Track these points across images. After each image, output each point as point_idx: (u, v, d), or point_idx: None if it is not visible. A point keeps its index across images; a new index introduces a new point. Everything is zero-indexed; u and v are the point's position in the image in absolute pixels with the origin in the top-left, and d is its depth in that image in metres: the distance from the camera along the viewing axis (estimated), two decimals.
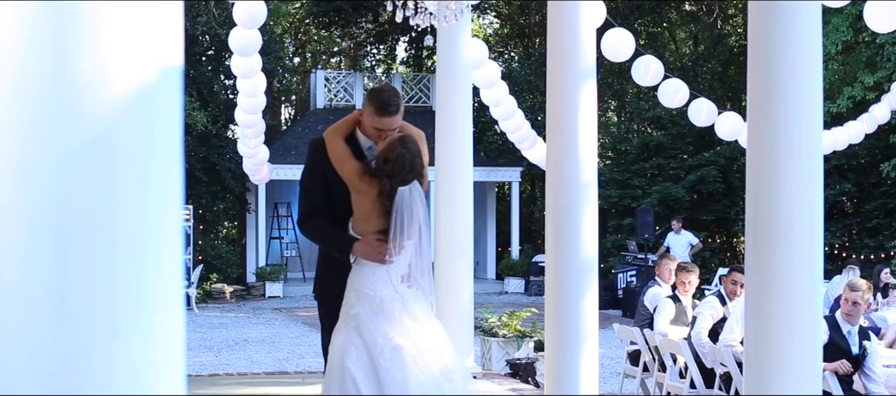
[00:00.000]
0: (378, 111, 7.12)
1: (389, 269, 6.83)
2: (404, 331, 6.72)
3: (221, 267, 32.06)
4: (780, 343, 6.27)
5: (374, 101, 7.20)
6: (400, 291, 6.84)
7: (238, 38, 12.85)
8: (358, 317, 6.75)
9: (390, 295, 6.80)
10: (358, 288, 6.85)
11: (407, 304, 6.82)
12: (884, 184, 30.07)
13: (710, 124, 16.10)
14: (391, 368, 6.60)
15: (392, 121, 7.14)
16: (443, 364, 6.78)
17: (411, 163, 6.87)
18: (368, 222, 6.87)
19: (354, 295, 6.85)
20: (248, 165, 19.78)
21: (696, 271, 13.56)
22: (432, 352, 6.78)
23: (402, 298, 6.82)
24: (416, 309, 6.86)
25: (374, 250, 6.84)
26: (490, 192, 36.91)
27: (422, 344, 6.73)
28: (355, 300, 6.83)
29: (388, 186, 6.81)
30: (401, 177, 6.83)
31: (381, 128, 7.13)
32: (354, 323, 6.76)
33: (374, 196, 6.85)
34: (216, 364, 17.97)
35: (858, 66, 29.02)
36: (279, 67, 34.88)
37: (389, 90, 7.45)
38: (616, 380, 15.55)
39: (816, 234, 6.34)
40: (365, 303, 6.78)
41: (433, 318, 7.02)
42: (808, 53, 6.36)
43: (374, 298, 6.77)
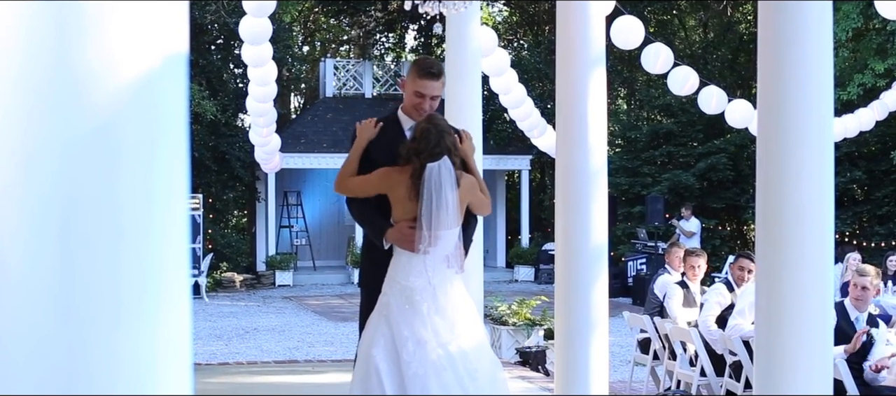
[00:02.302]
0: (420, 73, 7.22)
1: (426, 259, 6.78)
2: (431, 326, 6.66)
3: (231, 255, 32.09)
4: (790, 331, 6.25)
5: (417, 65, 7.33)
6: (434, 282, 6.78)
7: (248, 27, 12.84)
8: (389, 306, 6.74)
9: (422, 286, 6.74)
10: (393, 277, 6.83)
11: (437, 298, 6.75)
12: (894, 171, 30.00)
13: (720, 112, 16.06)
14: (413, 362, 6.56)
15: (433, 84, 7.22)
16: (468, 364, 6.71)
17: (438, 138, 6.82)
18: (405, 208, 6.84)
19: (389, 283, 6.84)
20: (259, 154, 19.78)
21: (704, 256, 13.55)
22: (459, 351, 6.71)
23: (433, 291, 6.76)
24: (449, 304, 6.78)
25: (404, 237, 6.82)
26: (500, 181, 36.89)
27: (448, 341, 6.68)
28: (389, 288, 6.82)
29: (418, 165, 6.78)
30: (428, 151, 6.78)
31: (422, 91, 7.20)
32: (385, 312, 6.74)
33: (407, 181, 6.82)
34: (226, 353, 17.99)
35: (869, 53, 28.94)
36: (288, 56, 34.87)
37: (433, 58, 7.53)
38: (626, 368, 15.55)
39: (827, 222, 6.31)
40: (397, 293, 6.76)
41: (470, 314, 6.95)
42: (818, 40, 6.33)
43: (406, 288, 6.74)
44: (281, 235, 34.57)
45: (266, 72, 14.43)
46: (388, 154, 7.04)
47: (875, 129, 21.36)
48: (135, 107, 2.37)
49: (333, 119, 34.54)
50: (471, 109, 10.91)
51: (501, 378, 6.98)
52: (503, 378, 7.03)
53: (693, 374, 12.27)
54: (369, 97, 36.04)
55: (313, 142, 33.28)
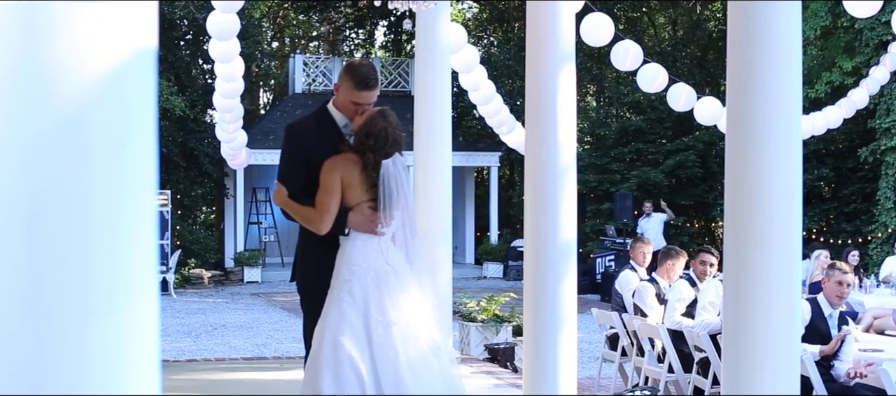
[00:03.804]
0: (357, 85, 7.16)
1: (380, 241, 6.86)
2: (397, 306, 6.75)
3: (199, 252, 31.98)
4: (758, 328, 6.27)
5: (352, 75, 7.23)
6: (391, 263, 6.86)
7: (216, 22, 12.80)
8: (353, 292, 6.75)
9: (383, 267, 6.83)
10: (350, 262, 6.85)
11: (399, 277, 6.86)
12: (861, 168, 30.18)
13: (689, 109, 16.12)
14: (385, 344, 6.64)
15: (370, 95, 7.20)
16: (432, 341, 6.83)
17: (393, 136, 6.91)
18: (357, 193, 6.89)
19: (348, 268, 6.85)
20: (226, 150, 19.74)
21: (681, 258, 13.52)
22: (423, 328, 6.82)
23: (394, 270, 6.86)
24: (408, 282, 6.89)
25: (368, 219, 6.88)
26: (469, 177, 36.89)
27: (412, 320, 6.77)
28: (349, 274, 6.83)
29: (371, 159, 6.86)
30: (384, 151, 6.87)
31: (359, 102, 7.17)
32: (349, 298, 6.75)
33: (359, 170, 6.88)
34: (194, 350, 17.94)
35: (837, 51, 29.08)
36: (257, 52, 34.79)
37: (367, 64, 7.47)
38: (595, 365, 15.57)
39: (795, 219, 6.33)
40: (360, 276, 6.80)
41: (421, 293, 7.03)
42: (787, 38, 6.35)
43: (369, 271, 6.79)
44: (249, 232, 34.50)
45: (233, 67, 14.40)
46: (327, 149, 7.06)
47: (842, 127, 21.51)
48: (104, 102, 2.36)
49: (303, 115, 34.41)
50: (440, 105, 10.91)
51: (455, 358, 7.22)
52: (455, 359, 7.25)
53: (661, 370, 12.31)
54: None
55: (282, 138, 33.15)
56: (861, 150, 28.62)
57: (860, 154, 28.70)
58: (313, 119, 7.50)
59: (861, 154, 28.63)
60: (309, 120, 7.59)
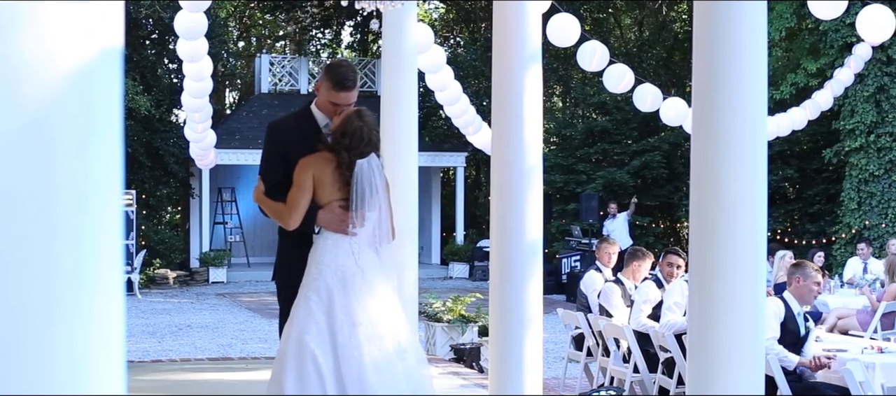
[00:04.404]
0: (335, 86, 7.19)
1: (352, 242, 6.85)
2: (364, 307, 6.74)
3: (165, 252, 31.88)
4: (723, 328, 6.29)
5: (330, 76, 7.26)
6: (361, 265, 6.85)
7: (183, 22, 12.76)
8: (320, 291, 6.75)
9: (352, 268, 6.82)
10: (320, 261, 6.86)
11: (367, 278, 6.85)
12: (826, 169, 30.34)
13: (654, 110, 16.18)
14: (349, 344, 6.63)
15: (348, 95, 7.22)
16: (397, 342, 6.82)
17: (368, 136, 6.92)
18: (329, 191, 6.90)
19: (316, 268, 6.86)
20: (194, 150, 19.67)
21: (647, 259, 13.54)
22: (388, 329, 6.81)
23: (362, 272, 6.85)
24: (376, 284, 6.88)
25: (337, 218, 6.88)
26: (435, 177, 36.89)
27: (378, 321, 6.76)
28: (317, 273, 6.84)
29: (346, 159, 6.86)
30: (358, 150, 6.87)
31: (337, 102, 7.19)
32: (315, 297, 6.75)
33: (332, 168, 6.88)
34: (159, 351, 17.88)
35: (802, 53, 29.23)
36: (223, 51, 34.74)
37: (346, 65, 7.51)
38: (560, 365, 15.58)
39: (760, 220, 6.36)
40: (327, 276, 6.79)
41: (392, 293, 7.03)
42: (752, 40, 6.38)
43: (336, 271, 6.79)
44: (215, 232, 34.40)
45: (201, 67, 14.36)
46: (306, 148, 7.08)
47: (807, 128, 21.62)
48: (69, 101, 2.35)
49: (269, 115, 34.31)
50: (406, 106, 10.91)
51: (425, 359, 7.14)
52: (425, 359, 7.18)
53: (626, 371, 12.34)
54: (305, 93, 35.89)
55: (248, 138, 33.13)
56: (825, 152, 28.77)
57: (824, 155, 28.85)
58: (295, 117, 7.54)
59: (825, 155, 28.79)
60: (290, 118, 7.64)
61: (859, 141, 27.20)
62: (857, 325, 16.18)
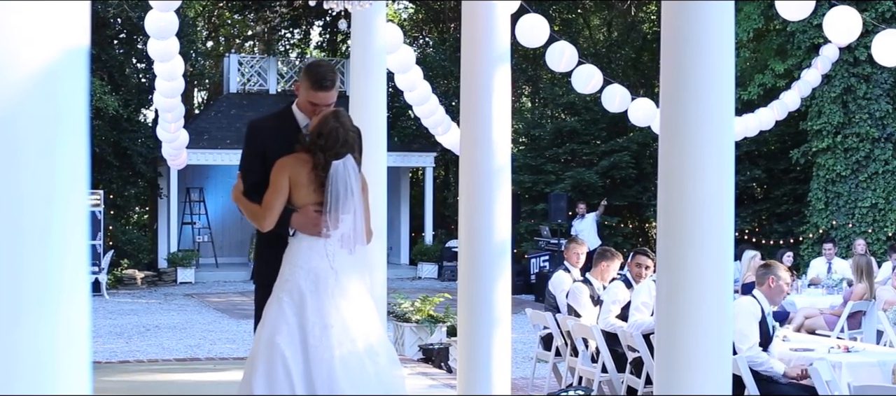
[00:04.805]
0: (313, 85, 7.21)
1: (327, 243, 6.82)
2: (336, 309, 6.72)
3: (132, 252, 31.77)
4: (690, 328, 6.31)
5: (309, 76, 7.27)
6: (335, 267, 6.82)
7: (154, 21, 12.70)
8: (292, 293, 6.73)
9: (325, 270, 6.79)
10: (293, 262, 6.84)
11: (340, 280, 6.81)
12: (793, 170, 30.50)
13: (623, 110, 16.20)
14: (320, 346, 6.61)
15: (327, 95, 7.23)
16: (368, 344, 6.79)
17: (344, 137, 6.88)
18: (305, 193, 6.87)
19: (289, 269, 6.84)
20: (167, 150, 19.59)
21: (616, 259, 13.57)
22: (360, 331, 6.78)
23: (336, 274, 6.82)
24: (350, 287, 6.85)
25: (311, 221, 6.86)
26: (404, 177, 36.87)
27: (351, 323, 6.73)
28: (290, 274, 6.82)
29: (322, 160, 6.82)
30: (334, 151, 6.84)
31: (316, 102, 7.20)
32: (288, 298, 6.73)
33: (308, 170, 6.86)
34: (126, 351, 17.81)
35: (769, 54, 29.37)
36: (192, 51, 34.61)
37: (326, 65, 7.51)
38: (528, 365, 15.60)
39: (727, 220, 6.38)
40: (300, 278, 6.77)
41: (366, 294, 7.00)
42: (720, 41, 6.40)
43: (310, 273, 6.77)
44: (183, 232, 34.30)
45: (173, 66, 14.30)
46: (286, 148, 7.07)
47: (775, 129, 21.71)
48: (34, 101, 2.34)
49: (237, 115, 34.31)
50: (375, 106, 10.90)
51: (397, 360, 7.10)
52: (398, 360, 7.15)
53: (595, 370, 12.36)
54: (274, 93, 35.85)
55: (217, 138, 33.05)
56: (793, 152, 28.91)
57: (792, 155, 29.00)
58: (275, 117, 7.55)
59: (793, 155, 28.93)
60: (271, 118, 7.65)
61: (826, 141, 27.35)
62: (823, 325, 16.27)
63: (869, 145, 26.97)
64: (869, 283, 16.09)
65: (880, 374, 10.65)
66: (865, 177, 27.04)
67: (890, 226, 26.73)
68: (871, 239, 26.09)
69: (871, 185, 26.98)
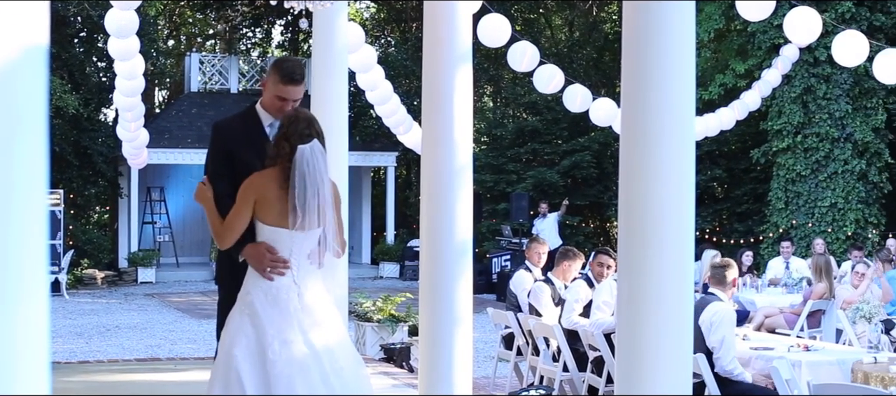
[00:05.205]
0: (282, 78, 7.12)
1: (291, 258, 6.66)
2: (296, 325, 6.56)
3: (93, 252, 31.63)
4: (650, 327, 6.33)
5: (279, 69, 7.19)
6: (299, 280, 6.70)
7: (114, 20, 12.63)
8: (252, 305, 6.59)
9: (288, 284, 6.62)
10: (256, 275, 6.68)
11: (303, 296, 6.66)
12: (754, 169, 30.65)
13: (584, 110, 16.24)
14: (279, 361, 6.44)
15: (296, 89, 7.15)
16: (334, 362, 6.62)
17: (307, 119, 6.71)
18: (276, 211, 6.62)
19: (252, 281, 6.67)
20: (127, 149, 19.50)
21: (577, 259, 13.61)
22: (324, 349, 6.61)
23: (299, 289, 6.65)
24: (313, 303, 6.70)
25: (260, 258, 6.63)
26: (365, 177, 36.86)
27: (314, 340, 6.58)
28: (252, 286, 6.66)
29: (287, 149, 6.58)
30: (298, 133, 6.61)
31: (285, 96, 7.12)
32: (249, 311, 6.59)
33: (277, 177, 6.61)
34: (86, 351, 17.73)
35: (730, 54, 29.51)
36: (153, 50, 34.47)
37: (295, 60, 7.45)
38: (490, 364, 15.63)
39: (687, 219, 6.40)
40: (260, 291, 6.62)
41: (332, 312, 6.87)
42: (680, 40, 6.41)
43: (271, 287, 6.60)
44: (144, 231, 34.20)
45: (133, 65, 14.24)
46: (250, 148, 6.96)
47: (735, 129, 21.83)
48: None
49: (198, 114, 34.25)
50: (337, 105, 10.88)
51: (364, 374, 6.92)
52: (366, 374, 6.97)
53: (556, 370, 12.39)
54: (235, 92, 35.79)
55: (178, 137, 32.96)
56: (753, 152, 29.05)
57: (752, 155, 29.14)
58: (239, 117, 7.44)
59: (753, 155, 29.07)
60: (235, 118, 7.54)
61: (787, 141, 27.50)
62: (783, 324, 16.36)
63: (829, 145, 27.12)
64: (828, 282, 16.19)
65: (839, 372, 10.73)
66: (825, 177, 27.20)
67: (849, 226, 26.91)
68: (830, 239, 26.25)
69: (831, 185, 27.14)
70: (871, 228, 27.10)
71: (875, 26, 26.36)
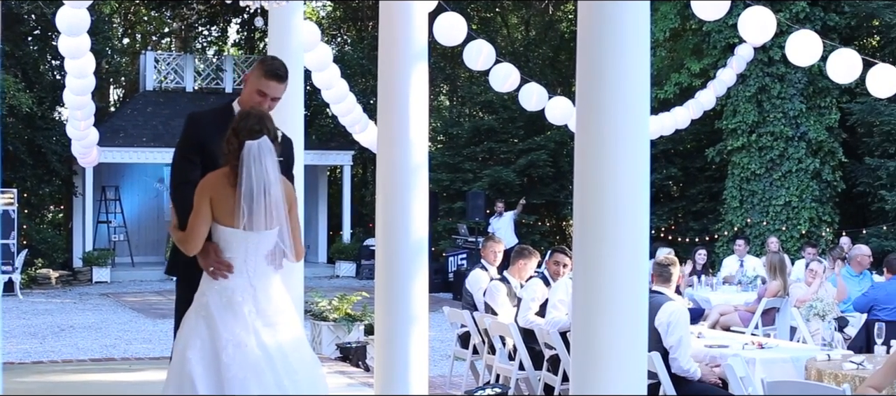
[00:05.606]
0: (266, 73, 7.19)
1: (247, 259, 6.64)
2: (251, 328, 6.50)
3: (47, 251, 31.42)
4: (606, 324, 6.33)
5: (264, 65, 7.29)
6: (254, 283, 6.64)
7: (66, 18, 12.55)
8: (208, 307, 6.53)
9: (243, 286, 6.57)
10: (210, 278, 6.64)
11: (258, 299, 6.59)
12: (708, 168, 30.79)
13: (540, 109, 16.26)
14: (233, 364, 6.39)
15: (277, 87, 7.21)
16: (288, 364, 6.55)
17: (259, 116, 6.65)
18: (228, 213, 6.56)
19: (207, 282, 6.62)
20: (76, 148, 19.38)
21: (533, 257, 13.63)
22: (278, 350, 6.56)
23: (254, 292, 6.61)
24: (269, 305, 6.63)
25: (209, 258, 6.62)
26: (322, 176, 36.79)
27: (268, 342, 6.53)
28: (207, 288, 6.60)
29: (235, 145, 6.52)
30: (248, 129, 6.54)
31: (265, 91, 7.16)
32: (204, 313, 6.53)
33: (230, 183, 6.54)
34: (40, 352, 17.61)
35: (685, 53, 29.65)
36: (108, 48, 34.31)
37: (280, 60, 7.42)
38: (446, 363, 15.65)
39: (642, 218, 6.41)
40: (215, 294, 6.55)
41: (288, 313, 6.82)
42: (635, 40, 6.43)
43: (226, 288, 6.54)
44: (98, 231, 34.00)
45: (84, 63, 14.15)
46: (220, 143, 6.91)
47: (690, 128, 21.93)
48: None
49: (154, 113, 34.09)
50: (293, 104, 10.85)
51: (320, 375, 6.89)
52: (322, 375, 6.94)
53: (512, 368, 12.41)
54: (191, 91, 35.63)
55: (133, 136, 32.80)
56: (708, 150, 29.20)
57: (707, 154, 29.29)
58: (215, 112, 7.41)
59: (708, 154, 29.22)
60: (211, 112, 7.51)
61: (741, 140, 27.67)
62: (738, 321, 16.44)
63: (783, 144, 27.30)
64: (782, 280, 16.28)
65: (793, 370, 10.81)
66: (779, 176, 27.37)
67: (803, 224, 27.09)
68: (784, 237, 26.42)
69: (785, 184, 27.31)
70: (825, 226, 27.29)
71: (829, 26, 26.57)
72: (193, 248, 6.64)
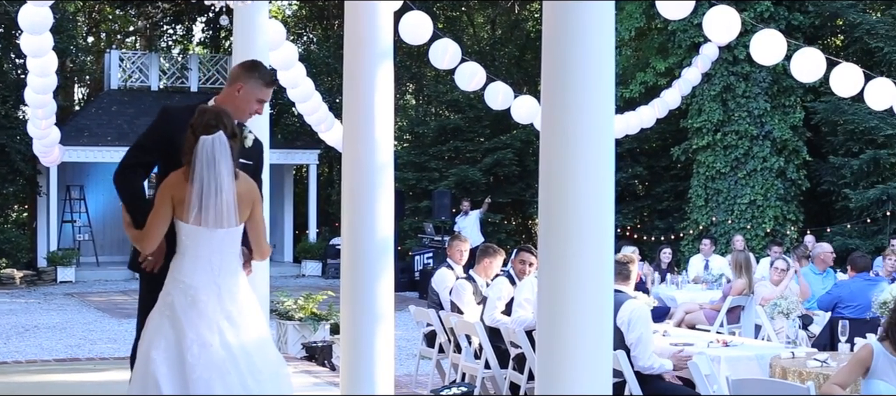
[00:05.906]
0: (268, 83, 7.38)
1: (212, 258, 6.61)
2: (216, 328, 6.48)
3: (11, 251, 31.27)
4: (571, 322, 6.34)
5: (261, 74, 7.39)
6: (219, 282, 6.63)
7: (28, 16, 12.49)
8: (172, 307, 6.50)
9: (207, 285, 6.56)
10: (176, 276, 6.59)
11: (223, 298, 6.58)
12: (674, 167, 30.91)
13: (506, 108, 16.28)
14: (198, 365, 6.36)
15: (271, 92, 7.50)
16: (252, 364, 6.54)
17: (216, 112, 6.63)
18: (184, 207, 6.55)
19: (172, 282, 6.59)
20: (38, 147, 19.28)
21: (498, 256, 13.64)
22: (243, 350, 6.55)
23: (218, 291, 6.60)
24: (234, 304, 6.61)
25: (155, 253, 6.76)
26: (287, 175, 36.75)
27: (233, 342, 6.52)
28: (172, 287, 6.58)
29: (192, 141, 6.52)
30: (203, 124, 6.55)
31: (265, 98, 7.40)
32: (168, 312, 6.51)
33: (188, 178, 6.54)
34: (4, 352, 17.53)
35: (651, 52, 29.73)
36: (72, 46, 34.15)
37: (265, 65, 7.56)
38: (412, 362, 15.64)
39: (607, 217, 6.42)
40: (180, 293, 6.52)
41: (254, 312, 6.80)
42: (600, 39, 6.43)
43: (189, 288, 6.52)
44: (63, 230, 33.85)
45: (46, 62, 14.07)
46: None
47: (656, 127, 22.01)
48: None
49: (118, 111, 33.96)
50: None
51: (285, 374, 6.88)
52: (287, 374, 6.93)
53: (478, 367, 12.41)
54: (156, 90, 35.53)
55: (97, 135, 32.66)
56: (674, 149, 29.32)
57: (673, 153, 29.41)
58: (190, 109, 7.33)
59: (674, 153, 29.34)
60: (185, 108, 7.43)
61: (706, 139, 27.79)
62: (703, 320, 16.51)
63: (748, 143, 27.44)
64: (748, 279, 16.35)
65: (758, 368, 10.86)
66: (744, 174, 27.51)
67: (768, 223, 27.23)
68: (749, 236, 26.55)
69: (750, 182, 27.45)
70: (790, 225, 27.43)
71: (793, 25, 26.72)
72: (149, 247, 6.71)
